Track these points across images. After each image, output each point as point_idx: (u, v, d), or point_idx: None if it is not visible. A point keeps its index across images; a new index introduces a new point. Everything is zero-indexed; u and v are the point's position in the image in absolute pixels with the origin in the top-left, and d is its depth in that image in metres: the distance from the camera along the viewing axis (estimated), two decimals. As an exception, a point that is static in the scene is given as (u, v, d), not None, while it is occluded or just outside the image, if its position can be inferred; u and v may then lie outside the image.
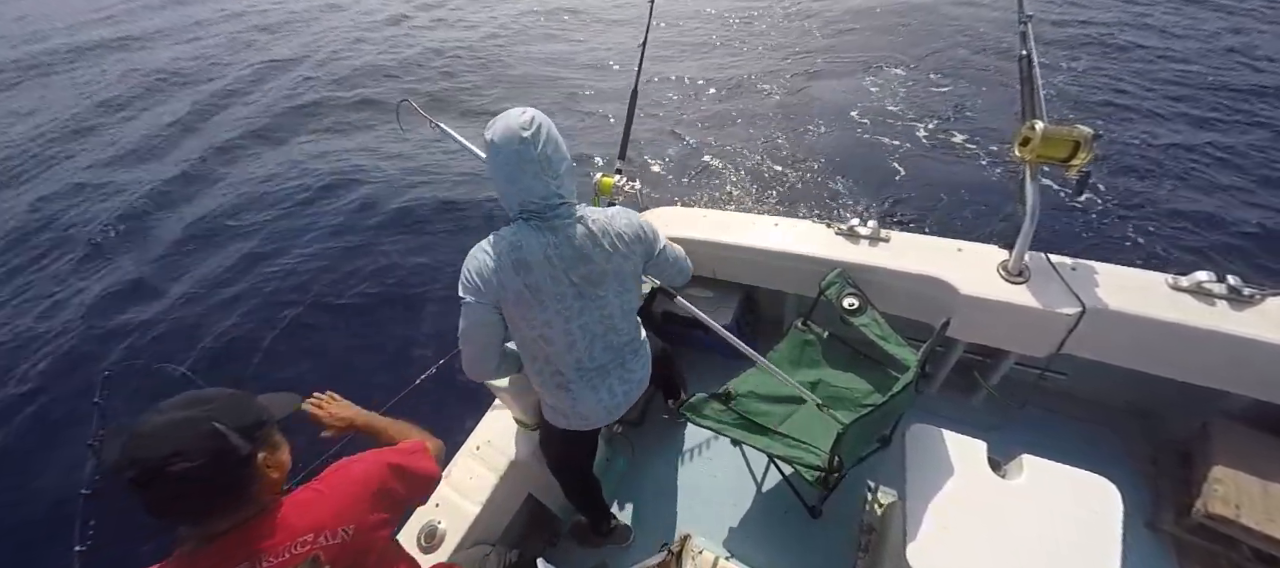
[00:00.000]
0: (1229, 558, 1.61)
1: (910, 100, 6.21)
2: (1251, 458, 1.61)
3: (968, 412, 2.18)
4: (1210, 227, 3.93)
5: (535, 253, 1.24)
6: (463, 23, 12.05)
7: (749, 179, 5.40)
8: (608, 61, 8.84)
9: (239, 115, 8.37)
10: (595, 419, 1.54)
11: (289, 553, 0.86)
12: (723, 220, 2.37)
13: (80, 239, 5.66)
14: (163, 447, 0.79)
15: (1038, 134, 1.56)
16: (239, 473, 0.87)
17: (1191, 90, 5.49)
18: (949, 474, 1.48)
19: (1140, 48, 6.42)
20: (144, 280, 4.96)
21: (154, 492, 0.79)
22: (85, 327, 4.46)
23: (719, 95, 7.20)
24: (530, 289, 1.25)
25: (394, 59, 10.06)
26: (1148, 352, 1.67)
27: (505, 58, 9.65)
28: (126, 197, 6.33)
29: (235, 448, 0.86)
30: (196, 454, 0.81)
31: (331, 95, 8.68)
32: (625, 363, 1.54)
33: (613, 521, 2.01)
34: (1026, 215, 1.67)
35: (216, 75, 10.29)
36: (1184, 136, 4.86)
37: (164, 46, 12.83)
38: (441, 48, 10.36)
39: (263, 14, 14.81)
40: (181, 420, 0.83)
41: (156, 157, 7.38)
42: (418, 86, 8.71)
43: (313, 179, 6.26)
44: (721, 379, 1.93)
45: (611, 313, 1.40)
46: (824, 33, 8.61)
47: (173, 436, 0.81)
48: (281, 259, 5.01)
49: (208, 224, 5.72)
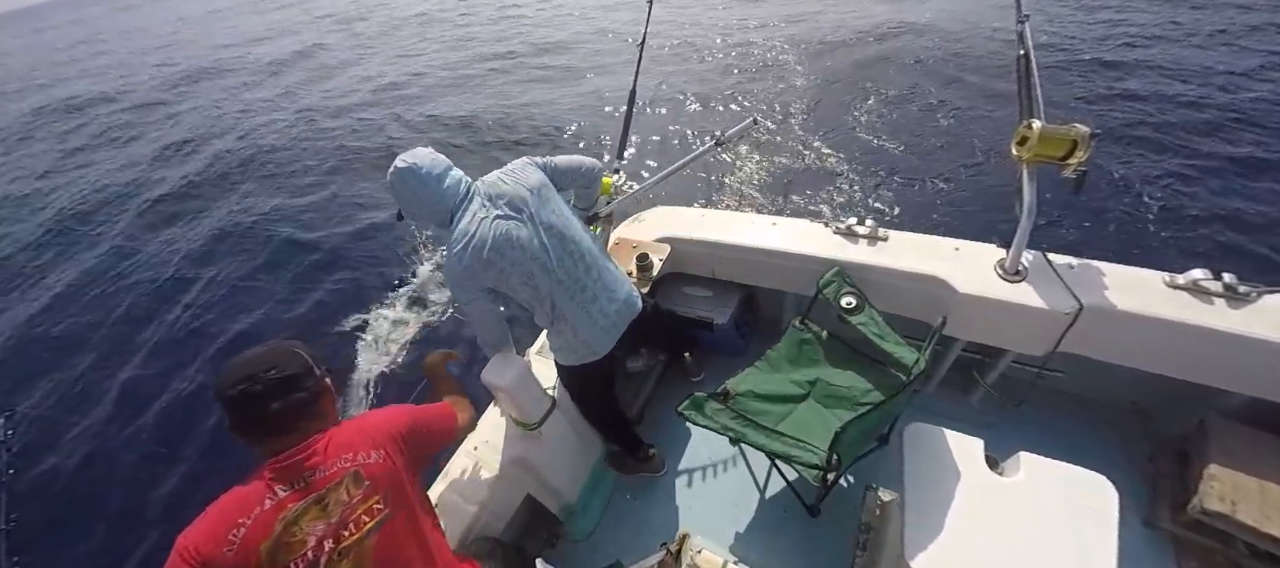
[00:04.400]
0: (1225, 555, 1.62)
1: (909, 100, 6.22)
2: (1248, 455, 1.62)
3: (966, 410, 2.18)
4: (1207, 225, 3.94)
5: (478, 230, 1.48)
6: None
7: (748, 178, 5.40)
8: (607, 61, 8.82)
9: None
10: (599, 343, 1.69)
11: (337, 466, 1.07)
12: (722, 220, 2.37)
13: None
14: (261, 365, 1.03)
15: (1035, 133, 1.56)
16: (316, 385, 1.11)
17: (1190, 88, 5.50)
18: (947, 472, 1.49)
19: (1141, 46, 6.43)
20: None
21: (258, 399, 1.01)
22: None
23: (719, 95, 7.20)
24: (496, 252, 1.48)
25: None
26: (1145, 350, 1.68)
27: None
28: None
29: (312, 365, 1.12)
30: (288, 366, 1.06)
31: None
32: (601, 279, 1.68)
33: (650, 448, 2.14)
34: (1024, 214, 1.68)
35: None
36: (1182, 135, 4.87)
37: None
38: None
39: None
40: (268, 350, 1.08)
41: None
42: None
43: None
44: (720, 378, 1.93)
45: (551, 221, 1.58)
46: (824, 33, 8.61)
47: (266, 358, 1.06)
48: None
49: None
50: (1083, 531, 1.33)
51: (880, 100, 6.29)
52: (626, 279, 1.82)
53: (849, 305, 1.88)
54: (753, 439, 1.73)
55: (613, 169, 2.21)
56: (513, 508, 1.91)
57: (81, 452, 3.88)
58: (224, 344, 4.47)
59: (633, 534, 2.06)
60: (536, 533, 2.11)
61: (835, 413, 1.82)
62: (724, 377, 1.93)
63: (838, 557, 1.85)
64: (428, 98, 9.15)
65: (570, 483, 2.03)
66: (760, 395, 1.88)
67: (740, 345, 2.48)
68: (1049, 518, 1.37)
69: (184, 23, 27.43)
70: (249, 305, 4.88)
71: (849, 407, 1.82)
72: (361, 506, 1.05)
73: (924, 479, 1.48)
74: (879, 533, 1.82)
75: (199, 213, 6.66)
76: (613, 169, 2.21)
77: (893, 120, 5.86)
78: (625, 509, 2.16)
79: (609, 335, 1.71)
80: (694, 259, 2.41)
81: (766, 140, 5.92)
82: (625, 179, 2.16)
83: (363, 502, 1.06)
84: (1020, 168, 1.67)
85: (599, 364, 1.75)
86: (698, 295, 2.46)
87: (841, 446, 1.51)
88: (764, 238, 2.21)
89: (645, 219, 2.53)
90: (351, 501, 1.05)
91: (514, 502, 1.91)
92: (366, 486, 1.07)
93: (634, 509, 2.16)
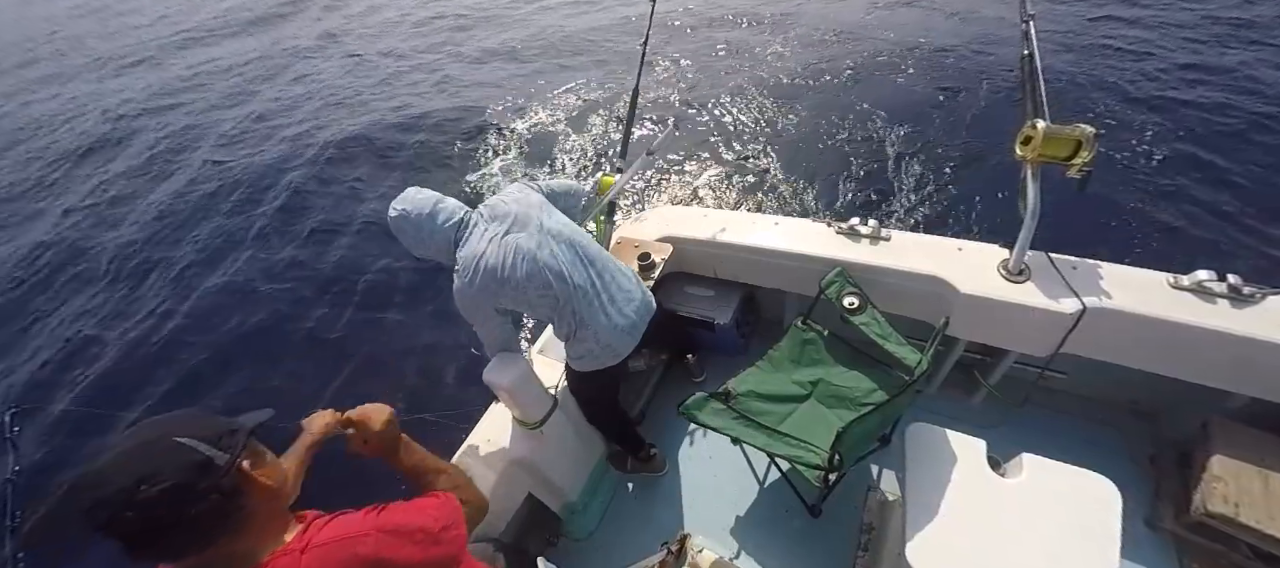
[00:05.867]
0: (1228, 556, 1.61)
1: (912, 99, 6.20)
2: (1251, 457, 1.61)
3: (968, 410, 2.18)
4: (1212, 226, 3.92)
5: (486, 249, 1.50)
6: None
7: (750, 178, 5.39)
8: (609, 60, 8.82)
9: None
10: (621, 345, 1.69)
11: None
12: (723, 220, 2.37)
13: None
14: (122, 478, 0.69)
15: (1039, 133, 1.56)
16: (227, 483, 0.75)
17: (1192, 88, 5.48)
18: (949, 473, 1.48)
19: (1141, 46, 6.41)
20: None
21: (128, 530, 0.69)
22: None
23: (720, 95, 7.19)
24: (510, 268, 1.50)
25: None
26: (1148, 351, 1.67)
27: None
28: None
29: (209, 458, 0.74)
30: (166, 475, 0.70)
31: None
32: (615, 280, 1.70)
33: (651, 447, 2.14)
34: (1027, 214, 1.67)
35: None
36: (1185, 135, 4.85)
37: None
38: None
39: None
40: (134, 448, 0.73)
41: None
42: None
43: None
44: (721, 378, 1.93)
45: (558, 229, 1.62)
46: (824, 34, 8.59)
47: (131, 465, 0.70)
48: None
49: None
50: (1085, 532, 1.33)
51: (881, 99, 6.27)
52: (639, 280, 1.83)
53: (851, 305, 1.88)
54: (754, 439, 1.73)
55: (615, 168, 2.21)
56: (514, 507, 1.91)
57: (85, 450, 3.89)
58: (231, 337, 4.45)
59: (634, 534, 2.06)
60: (537, 533, 2.11)
61: (837, 413, 1.82)
62: (726, 377, 1.93)
63: (839, 557, 1.85)
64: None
65: (571, 482, 2.03)
66: (762, 395, 1.88)
67: (741, 345, 2.48)
68: (1051, 519, 1.36)
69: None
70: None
71: (851, 407, 1.82)
72: None
73: (926, 480, 1.48)
74: (880, 533, 1.82)
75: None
76: (615, 168, 2.21)
77: (894, 119, 5.84)
78: (626, 509, 2.16)
79: (630, 337, 1.71)
80: (696, 259, 2.41)
81: (767, 140, 5.92)
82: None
83: None
84: (1024, 168, 1.67)
85: (613, 369, 1.75)
86: (699, 295, 2.46)
87: (843, 446, 1.51)
88: (766, 238, 2.20)
89: (647, 218, 2.53)
90: None
91: (515, 501, 1.91)
92: None
93: (635, 509, 2.16)
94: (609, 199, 2.08)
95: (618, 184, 2.07)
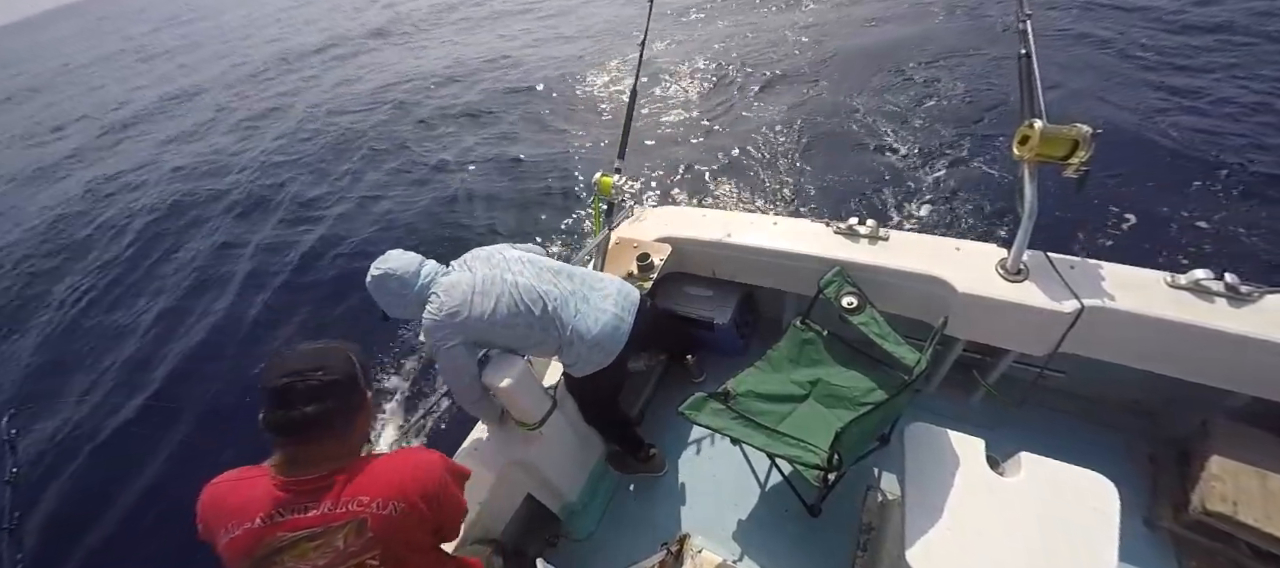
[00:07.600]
0: (1227, 555, 1.61)
1: (910, 99, 6.20)
2: (1250, 456, 1.61)
3: (966, 410, 2.18)
4: (1209, 225, 3.93)
5: (459, 280, 1.60)
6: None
7: (749, 178, 5.39)
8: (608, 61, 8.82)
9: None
10: (611, 342, 1.69)
11: (345, 508, 0.97)
12: (722, 220, 2.37)
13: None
14: (310, 363, 0.98)
15: (1037, 132, 1.56)
16: (357, 399, 1.04)
17: (1193, 89, 5.48)
18: (948, 472, 1.48)
19: (1141, 45, 6.42)
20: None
21: (298, 396, 0.95)
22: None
23: (719, 95, 7.19)
24: (480, 294, 1.58)
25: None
26: (1146, 350, 1.67)
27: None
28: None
29: (359, 376, 1.05)
30: (336, 370, 1.00)
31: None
32: (588, 282, 1.74)
33: (650, 448, 2.15)
34: (1025, 214, 1.67)
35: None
36: (1184, 135, 4.85)
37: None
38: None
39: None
40: (322, 348, 1.03)
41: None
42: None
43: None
44: (721, 378, 1.93)
45: (524, 256, 1.73)
46: (825, 35, 8.60)
47: (317, 356, 1.00)
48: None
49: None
50: (1084, 531, 1.33)
51: (881, 99, 6.28)
52: (612, 276, 1.85)
53: (850, 305, 1.88)
54: (753, 439, 1.73)
55: (613, 169, 2.22)
56: (513, 508, 1.91)
57: (88, 447, 3.89)
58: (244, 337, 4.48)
59: (633, 534, 2.06)
60: (537, 533, 2.11)
61: (836, 413, 1.82)
62: (725, 377, 1.93)
63: (838, 557, 1.85)
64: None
65: (571, 483, 2.03)
66: (761, 395, 1.88)
67: (740, 345, 2.48)
68: (1050, 518, 1.36)
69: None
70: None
71: (850, 407, 1.82)
72: (354, 558, 0.97)
73: (925, 479, 1.48)
74: (879, 533, 1.82)
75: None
76: (613, 169, 2.22)
77: (893, 119, 5.84)
78: (626, 509, 2.16)
79: (616, 331, 1.70)
80: (695, 259, 2.41)
81: (767, 140, 5.92)
82: (626, 179, 2.16)
83: (357, 555, 0.97)
84: (1021, 167, 1.67)
85: (611, 372, 1.74)
86: (698, 295, 2.46)
87: (842, 446, 1.51)
88: (765, 237, 2.21)
89: (646, 219, 2.53)
90: (346, 549, 0.96)
91: (514, 502, 1.91)
92: (368, 537, 0.97)
93: (634, 509, 2.16)
94: (609, 200, 2.09)
95: (616, 185, 2.07)
